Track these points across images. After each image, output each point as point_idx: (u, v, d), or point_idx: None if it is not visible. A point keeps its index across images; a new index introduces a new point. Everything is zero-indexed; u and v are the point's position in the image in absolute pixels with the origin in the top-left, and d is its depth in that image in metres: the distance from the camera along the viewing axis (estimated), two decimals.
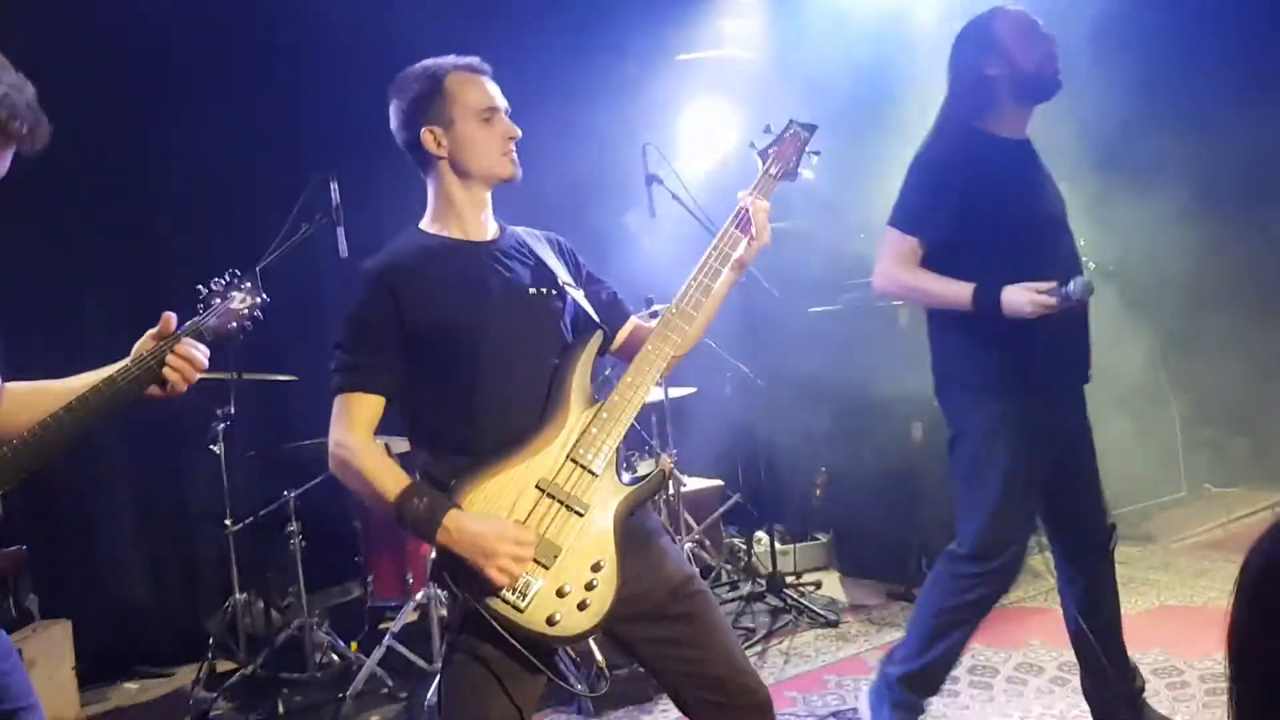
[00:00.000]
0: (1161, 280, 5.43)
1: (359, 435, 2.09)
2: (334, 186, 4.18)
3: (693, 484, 5.26)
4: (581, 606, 2.03)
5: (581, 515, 2.07)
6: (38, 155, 1.86)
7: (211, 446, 4.42)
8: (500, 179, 2.24)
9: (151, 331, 2.09)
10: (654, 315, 3.57)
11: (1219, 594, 4.34)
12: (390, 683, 4.13)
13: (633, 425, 2.19)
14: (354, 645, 4.45)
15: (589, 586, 2.04)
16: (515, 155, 2.24)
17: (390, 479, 2.05)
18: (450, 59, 2.24)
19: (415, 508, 2.00)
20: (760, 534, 5.46)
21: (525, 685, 2.08)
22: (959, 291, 2.80)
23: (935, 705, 3.56)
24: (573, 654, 3.25)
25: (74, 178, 4.73)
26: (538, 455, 2.09)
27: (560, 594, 2.02)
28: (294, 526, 4.40)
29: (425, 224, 2.27)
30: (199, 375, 2.06)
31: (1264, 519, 5.36)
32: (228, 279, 2.18)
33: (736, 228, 2.28)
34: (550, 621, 2.01)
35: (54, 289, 4.76)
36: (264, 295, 2.19)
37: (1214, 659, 3.64)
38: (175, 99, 4.98)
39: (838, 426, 5.32)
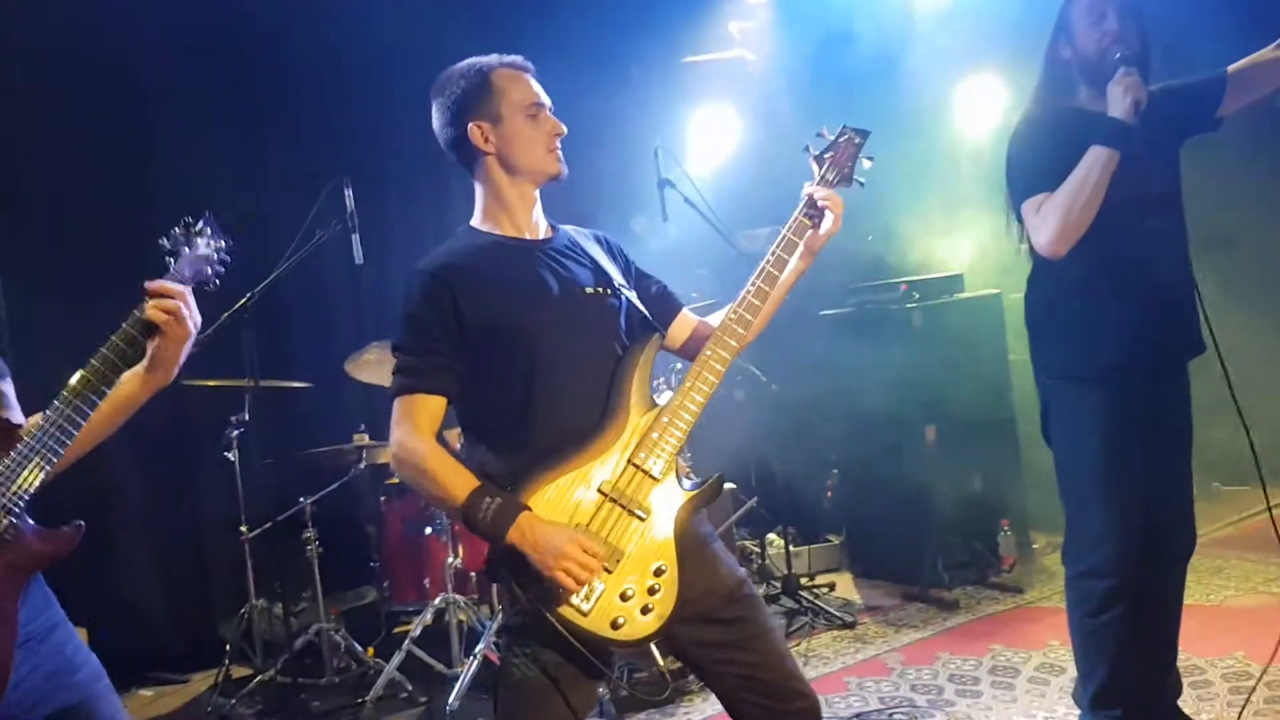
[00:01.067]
0: None
1: (423, 437, 2.08)
2: (348, 193, 4.18)
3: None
4: (645, 611, 2.03)
5: (643, 520, 2.07)
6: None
7: (226, 453, 4.42)
8: (548, 175, 2.23)
9: None
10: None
11: (1235, 592, 4.35)
12: (410, 687, 4.13)
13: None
14: (370, 650, 4.45)
15: (651, 591, 2.04)
16: (561, 153, 2.23)
17: (459, 480, 2.04)
18: (495, 57, 2.23)
19: (486, 509, 1.99)
20: (772, 536, 5.46)
21: (583, 690, 2.09)
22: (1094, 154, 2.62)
23: (958, 706, 3.57)
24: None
25: (83, 185, 4.72)
26: (598, 458, 2.09)
27: (624, 598, 2.02)
28: (310, 532, 4.41)
29: (476, 222, 2.26)
30: (185, 308, 1.98)
31: (1277, 516, 5.40)
32: (183, 228, 2.12)
33: (806, 216, 2.28)
34: (614, 625, 2.01)
35: (61, 299, 4.74)
36: (226, 239, 2.16)
37: (1235, 657, 3.64)
38: (187, 105, 4.99)
39: (850, 429, 5.32)
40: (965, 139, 5.81)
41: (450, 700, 3.85)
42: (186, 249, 2.09)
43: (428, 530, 4.36)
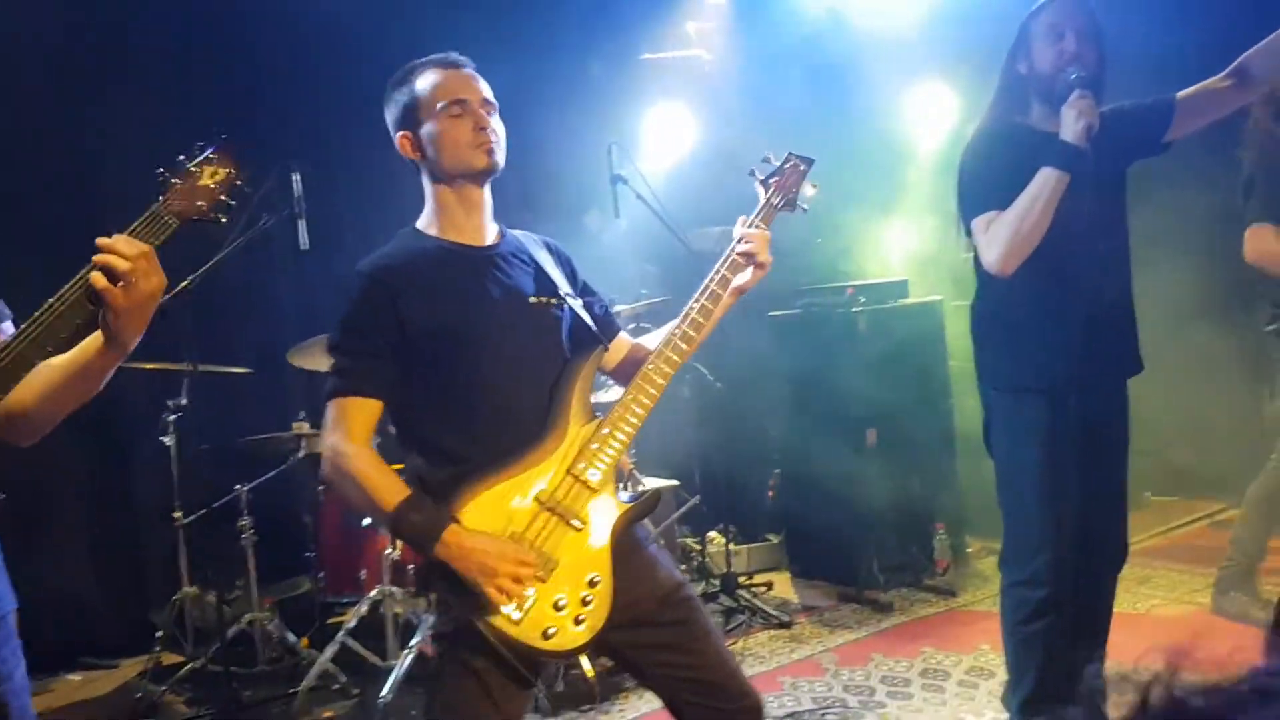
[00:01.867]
0: None
1: (356, 441, 2.05)
2: (296, 179, 4.13)
3: (650, 484, 5.26)
4: (577, 621, 2.03)
5: (579, 530, 2.07)
6: None
7: (162, 438, 4.35)
8: (474, 170, 2.16)
9: None
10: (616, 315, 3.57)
11: (1162, 601, 4.45)
12: (343, 679, 4.10)
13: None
14: (304, 641, 4.41)
15: (584, 602, 2.04)
16: (493, 145, 2.15)
17: (389, 488, 2.02)
18: (427, 57, 2.20)
19: (414, 520, 1.98)
20: (713, 534, 5.48)
21: (514, 697, 2.08)
22: (1045, 176, 2.64)
23: (889, 708, 3.62)
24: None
25: (20, 170, 4.61)
26: (536, 467, 2.08)
27: (556, 608, 2.02)
28: (245, 520, 4.35)
29: (422, 225, 2.23)
30: (134, 272, 1.64)
31: (1201, 528, 5.54)
32: (195, 150, 1.82)
33: (739, 255, 2.26)
34: (545, 635, 2.00)
35: None
36: (243, 168, 1.83)
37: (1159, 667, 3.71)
38: (131, 89, 4.88)
39: (793, 429, 5.36)
40: (915, 145, 5.88)
41: (383, 692, 3.82)
42: (178, 180, 1.77)
43: (365, 521, 4.32)
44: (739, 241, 2.27)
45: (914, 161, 5.81)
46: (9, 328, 1.86)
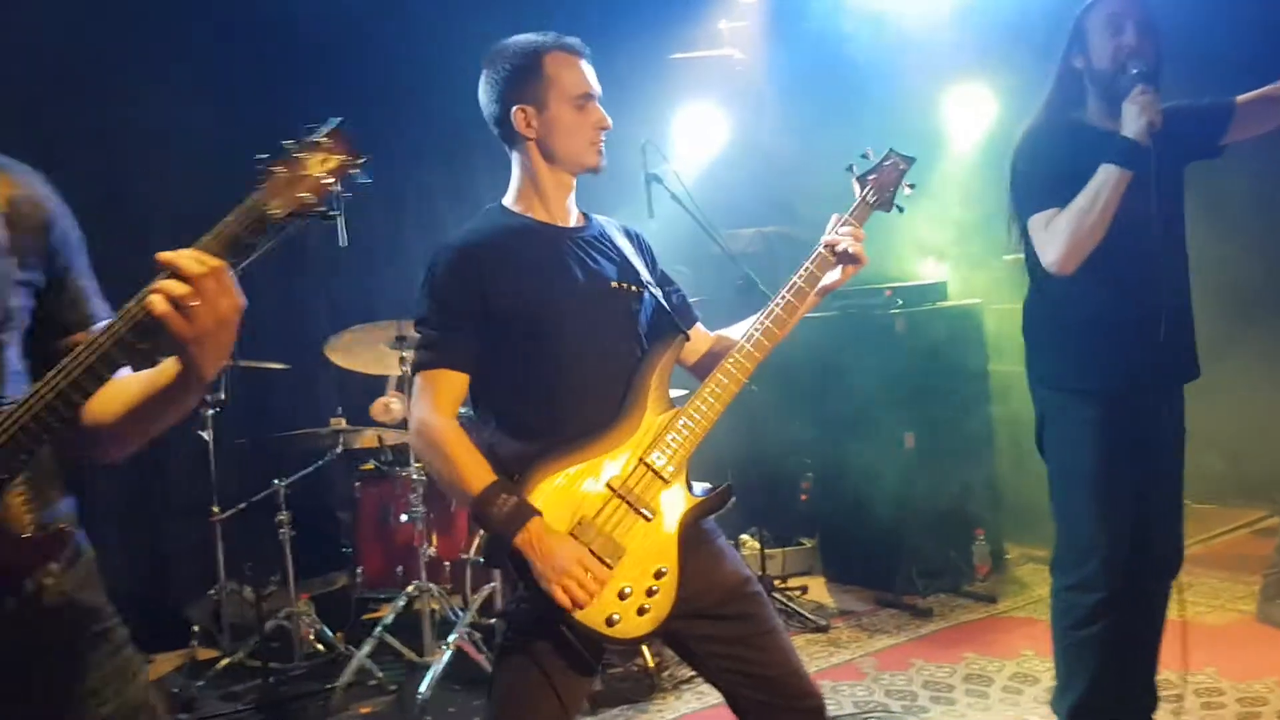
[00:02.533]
0: None
1: (444, 415, 2.06)
2: None
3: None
4: (641, 611, 2.02)
5: (649, 520, 2.06)
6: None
7: (200, 433, 4.35)
8: (586, 168, 2.20)
9: None
10: None
11: (1204, 609, 4.39)
12: (380, 675, 4.08)
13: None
14: (340, 636, 4.40)
15: (650, 593, 2.03)
16: (603, 146, 2.20)
17: (476, 471, 2.02)
18: (551, 36, 2.19)
19: (500, 507, 1.97)
20: (746, 536, 5.45)
21: (574, 685, 2.07)
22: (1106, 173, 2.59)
23: (933, 713, 3.58)
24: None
25: (49, 159, 4.58)
26: (610, 453, 2.07)
27: (621, 596, 2.01)
28: (283, 515, 4.36)
29: (509, 202, 2.23)
30: (202, 294, 1.39)
31: (1243, 536, 5.48)
32: (306, 133, 1.52)
33: (832, 251, 2.24)
34: (609, 622, 1.99)
35: None
36: (362, 154, 1.54)
37: (1205, 673, 3.67)
38: (168, 81, 4.88)
39: (828, 432, 5.32)
40: (953, 146, 5.83)
41: (421, 689, 3.81)
42: (280, 169, 1.47)
43: (403, 517, 4.31)
44: (831, 237, 2.25)
45: (951, 161, 5.76)
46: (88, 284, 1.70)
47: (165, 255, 1.40)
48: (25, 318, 1.59)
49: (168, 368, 1.51)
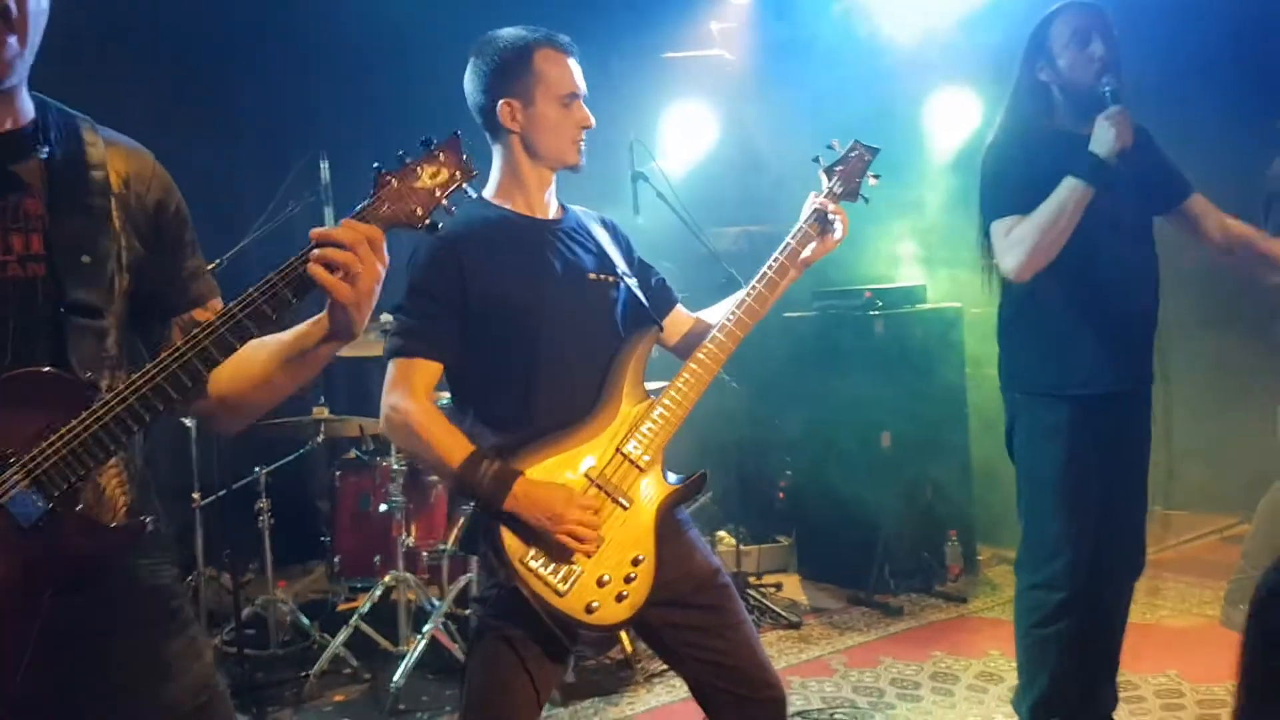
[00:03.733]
0: None
1: (419, 400, 2.09)
2: (324, 165, 4.17)
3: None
4: (619, 598, 2.07)
5: (626, 508, 2.10)
6: None
7: (181, 418, 4.37)
8: (566, 166, 2.24)
9: None
10: None
11: (1170, 612, 4.46)
12: (355, 663, 4.12)
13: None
14: (314, 624, 4.43)
15: (627, 580, 2.08)
16: (583, 145, 2.24)
17: (454, 445, 2.06)
18: (542, 32, 2.22)
19: (482, 474, 2.01)
20: (723, 533, 5.50)
21: (547, 670, 2.12)
22: (1070, 187, 2.64)
23: (899, 709, 3.64)
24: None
25: None
26: (588, 443, 2.12)
27: (600, 583, 2.06)
28: (263, 503, 4.38)
29: (489, 194, 2.26)
30: (359, 260, 1.47)
31: (1213, 543, 5.55)
32: (422, 147, 1.59)
33: (811, 227, 2.30)
34: (588, 609, 2.04)
35: None
36: (465, 168, 1.59)
37: (1167, 675, 3.74)
38: (158, 72, 4.91)
39: (806, 431, 5.37)
40: (935, 151, 5.88)
41: (395, 678, 3.85)
42: (394, 180, 1.55)
43: (382, 507, 4.34)
44: (813, 212, 2.30)
45: (933, 166, 5.82)
46: (219, 306, 1.69)
47: (319, 231, 1.49)
48: (132, 298, 1.60)
49: (311, 331, 1.57)
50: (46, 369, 1.48)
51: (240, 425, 1.74)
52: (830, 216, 2.30)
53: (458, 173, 1.58)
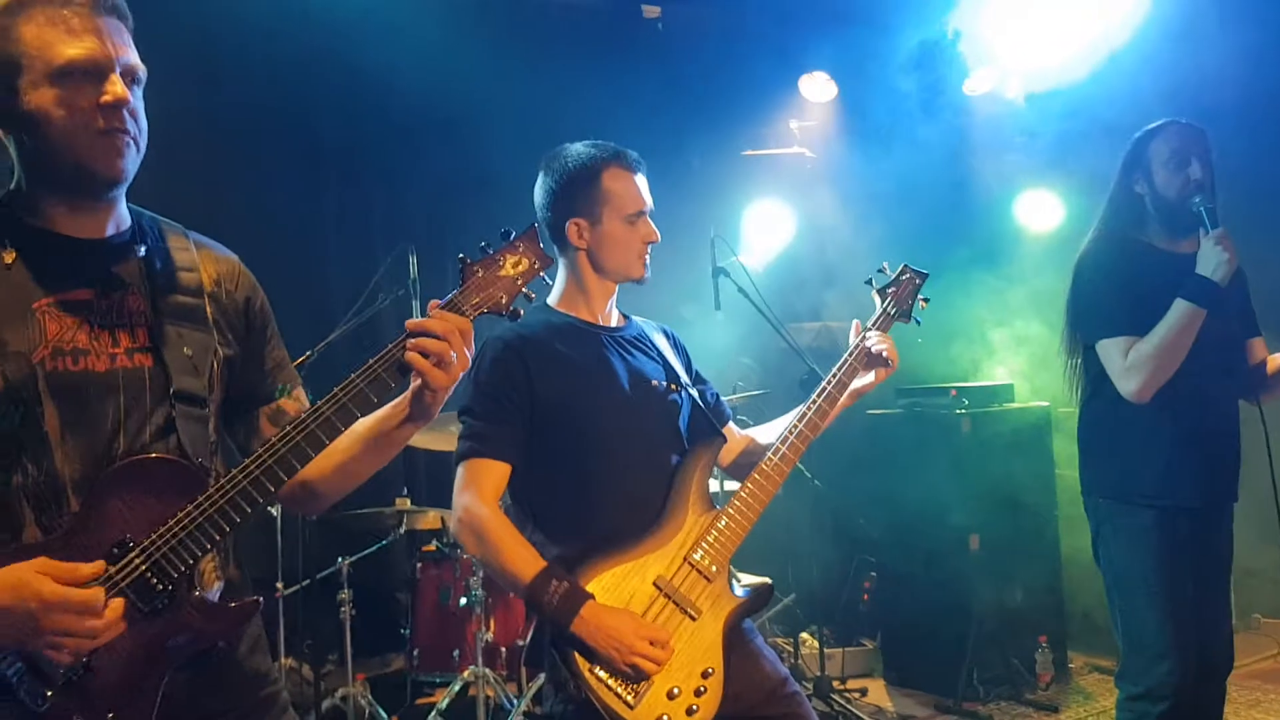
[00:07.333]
0: None
1: (489, 504, 2.09)
2: (413, 259, 4.27)
3: (743, 579, 5.20)
4: (689, 711, 2.03)
5: (694, 619, 2.08)
6: None
7: (268, 508, 4.43)
8: (631, 279, 2.28)
9: None
10: None
11: None
12: None
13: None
14: (393, 718, 4.40)
15: (698, 693, 2.04)
16: (649, 259, 2.28)
17: (526, 558, 2.05)
18: (610, 150, 2.26)
19: (552, 594, 1.99)
20: (806, 635, 5.38)
21: None
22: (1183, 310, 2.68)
23: None
24: None
25: None
26: (655, 552, 2.11)
27: (670, 696, 2.02)
28: (345, 594, 4.39)
29: (553, 301, 2.30)
30: (452, 350, 1.59)
31: None
32: (502, 238, 1.70)
33: (856, 359, 2.32)
34: None
35: None
36: (543, 257, 1.70)
37: None
38: (256, 168, 5.07)
39: (891, 531, 5.26)
40: (1022, 249, 5.83)
41: None
42: (480, 270, 1.65)
43: (462, 601, 4.33)
44: (862, 343, 2.30)
45: (1021, 265, 5.76)
46: (303, 395, 1.84)
47: (415, 322, 1.62)
48: (223, 391, 1.70)
49: (392, 415, 1.68)
50: (166, 455, 1.55)
51: (320, 508, 1.82)
52: (876, 349, 2.30)
53: (537, 262, 1.68)
